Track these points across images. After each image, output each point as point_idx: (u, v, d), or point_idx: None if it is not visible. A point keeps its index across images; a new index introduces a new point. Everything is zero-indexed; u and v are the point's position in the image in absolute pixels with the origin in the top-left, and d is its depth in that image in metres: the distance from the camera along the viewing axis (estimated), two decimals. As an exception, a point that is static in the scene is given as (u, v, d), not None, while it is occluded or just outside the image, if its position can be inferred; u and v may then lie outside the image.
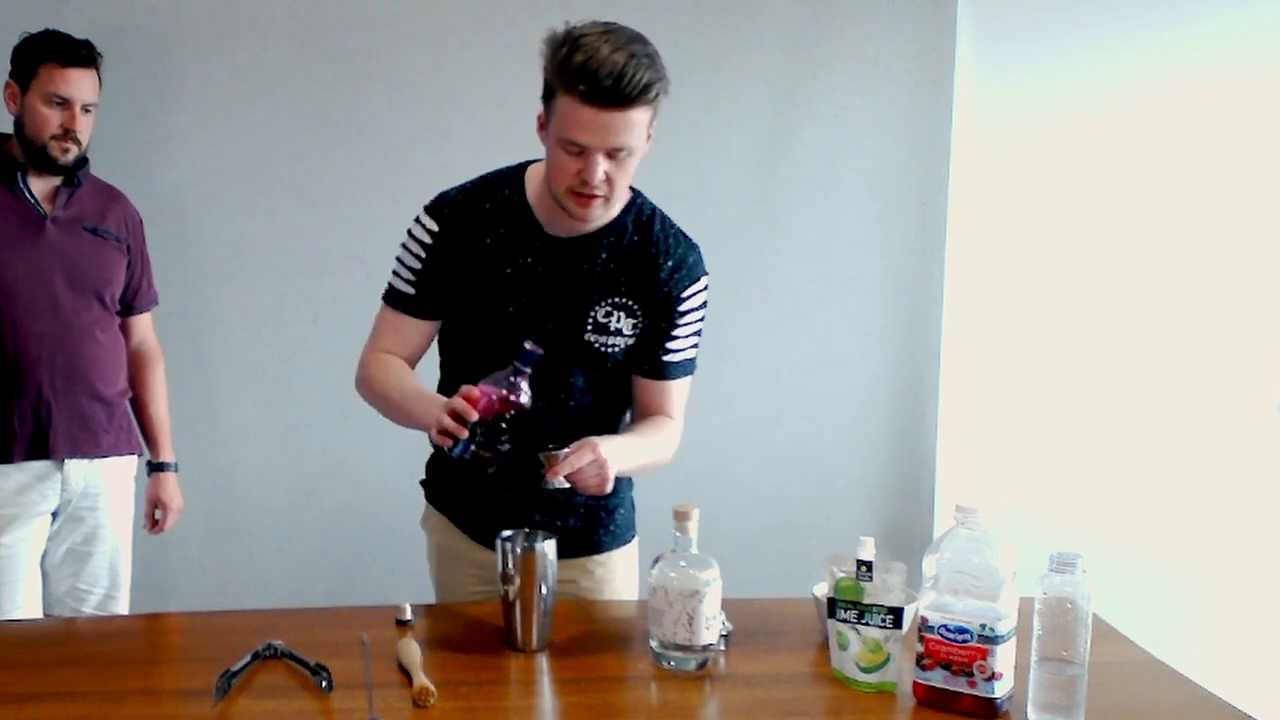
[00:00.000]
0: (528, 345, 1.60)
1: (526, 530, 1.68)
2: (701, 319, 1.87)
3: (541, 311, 1.78)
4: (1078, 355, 2.97)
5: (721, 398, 3.03)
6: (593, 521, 1.91)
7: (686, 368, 1.88)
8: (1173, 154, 2.90)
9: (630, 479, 1.96)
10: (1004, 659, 1.42)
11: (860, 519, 3.00)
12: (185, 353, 2.95)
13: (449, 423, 1.57)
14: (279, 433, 2.99)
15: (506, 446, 1.61)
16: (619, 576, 1.95)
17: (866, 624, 1.50)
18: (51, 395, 2.29)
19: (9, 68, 2.38)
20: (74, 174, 2.34)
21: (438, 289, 1.81)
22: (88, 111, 2.33)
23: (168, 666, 1.61)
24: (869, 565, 1.51)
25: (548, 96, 1.67)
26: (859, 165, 3.00)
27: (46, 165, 2.30)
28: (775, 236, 3.02)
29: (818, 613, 1.67)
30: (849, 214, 3.03)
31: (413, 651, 1.55)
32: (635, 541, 1.98)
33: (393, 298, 1.85)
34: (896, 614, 1.48)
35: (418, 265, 1.81)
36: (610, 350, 1.80)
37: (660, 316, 1.82)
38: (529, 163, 1.85)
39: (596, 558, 1.92)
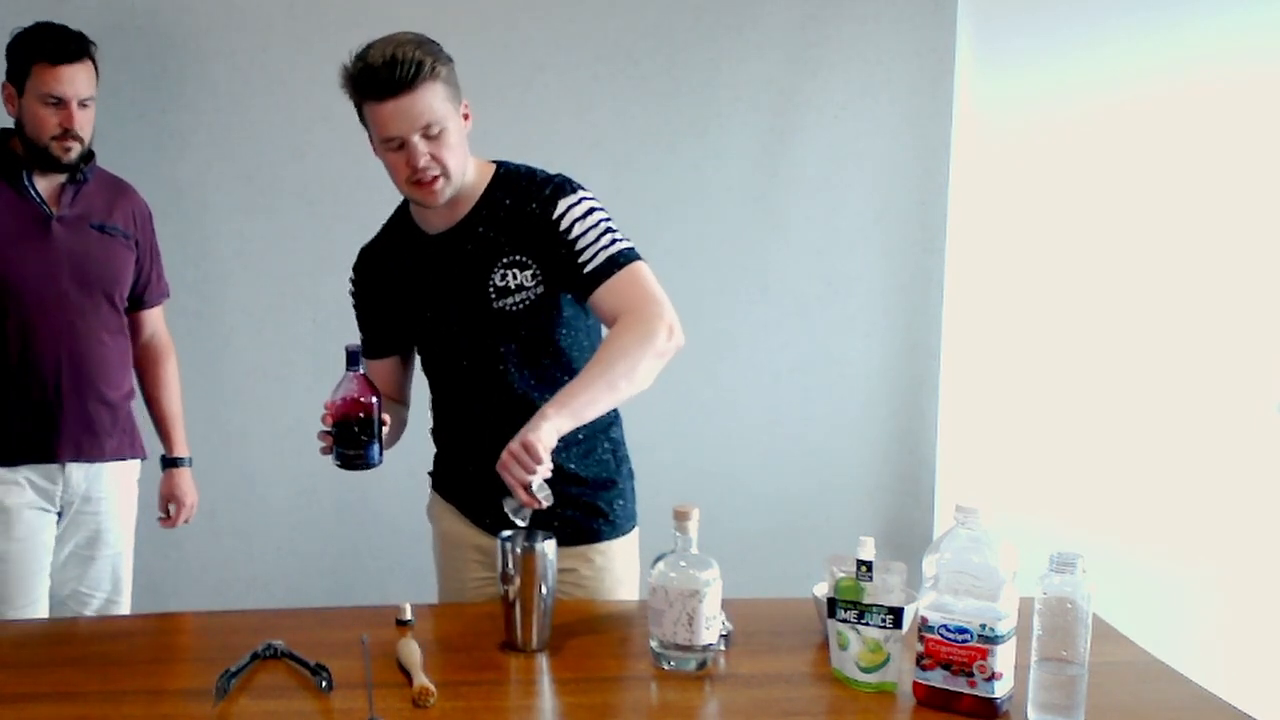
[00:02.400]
0: (347, 346, 1.79)
1: (527, 530, 1.69)
2: (600, 220, 1.83)
3: (449, 301, 1.90)
4: (1078, 355, 2.97)
5: (721, 398, 3.03)
6: (592, 511, 1.94)
7: (616, 261, 1.81)
8: (1173, 154, 2.90)
9: (629, 470, 2.00)
10: (1004, 659, 1.42)
11: (860, 519, 3.00)
12: (185, 353, 2.94)
13: (318, 436, 1.82)
14: (279, 433, 2.99)
15: (366, 443, 1.82)
16: (620, 565, 1.97)
17: (866, 624, 1.50)
18: (56, 398, 2.26)
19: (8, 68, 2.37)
20: (78, 170, 2.30)
21: (376, 326, 2.03)
22: (85, 106, 2.27)
23: (168, 666, 1.61)
24: (869, 565, 1.51)
25: (361, 117, 1.85)
26: (859, 165, 3.00)
27: (50, 164, 2.26)
28: (775, 236, 3.02)
29: (818, 613, 1.67)
30: (849, 214, 3.03)
31: (413, 651, 1.55)
32: (635, 532, 2.00)
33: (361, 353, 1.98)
34: (896, 614, 1.48)
35: (357, 314, 2.06)
36: (522, 306, 1.86)
37: (555, 246, 1.83)
38: None
39: (597, 546, 1.93)
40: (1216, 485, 2.92)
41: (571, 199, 1.84)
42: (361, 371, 1.79)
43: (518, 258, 1.86)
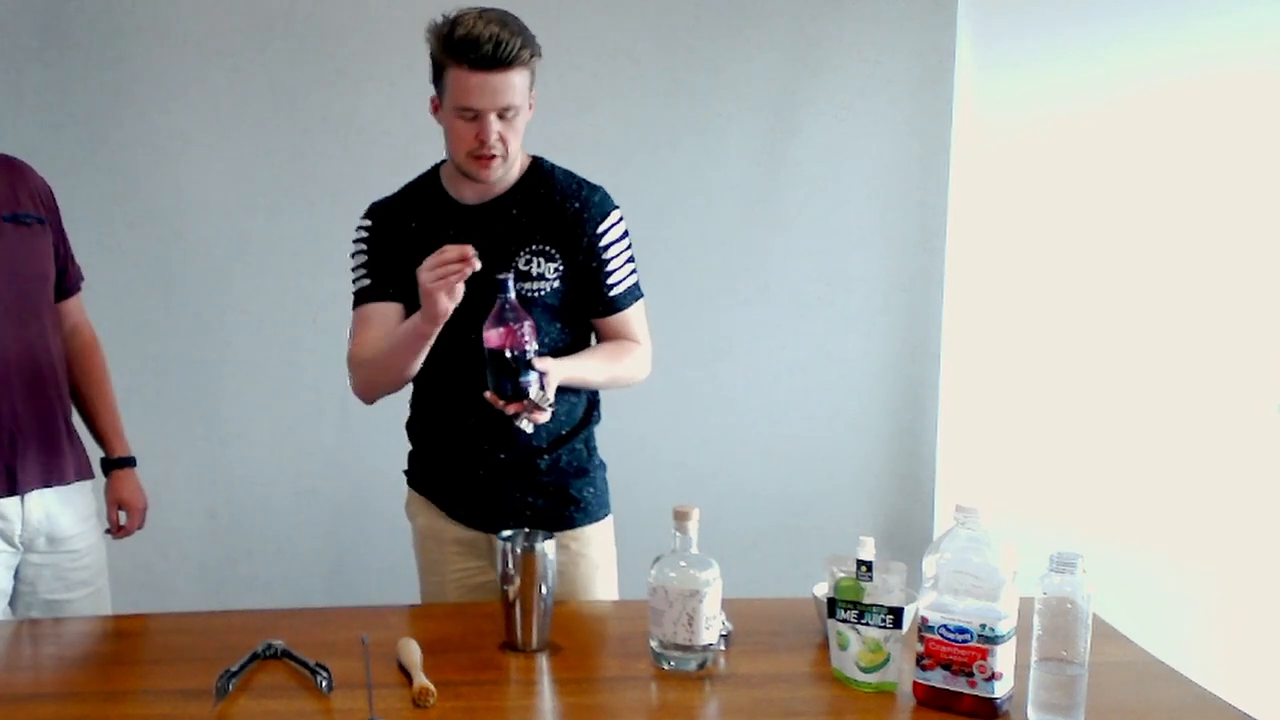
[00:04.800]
0: (499, 276, 1.72)
1: (526, 530, 1.69)
2: (629, 247, 1.99)
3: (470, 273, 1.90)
4: (1078, 355, 2.97)
5: (721, 398, 3.03)
6: (562, 498, 2.00)
7: (634, 293, 2.01)
8: (1174, 154, 2.90)
9: (600, 461, 2.06)
10: (1004, 659, 1.42)
11: (860, 519, 3.00)
12: (185, 353, 2.95)
13: (449, 260, 1.72)
14: (279, 433, 2.99)
15: (522, 372, 1.71)
16: (595, 550, 2.03)
17: (866, 624, 1.50)
18: (14, 423, 1.96)
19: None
20: None
21: (387, 272, 1.98)
22: None
23: (168, 666, 1.61)
24: (869, 565, 1.51)
25: (437, 76, 1.87)
26: (859, 165, 3.01)
27: None
28: (775, 236, 3.02)
29: (818, 613, 1.67)
30: (849, 214, 3.03)
31: (413, 651, 1.55)
32: (609, 519, 2.07)
33: (357, 297, 2.03)
34: (896, 614, 1.48)
35: (365, 259, 2.01)
36: (538, 294, 1.92)
37: (587, 257, 1.95)
38: (442, 162, 2.02)
39: (571, 533, 1.98)
40: (1217, 485, 2.92)
41: (615, 217, 1.98)
42: (511, 296, 1.74)
43: (546, 248, 1.93)
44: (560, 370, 1.81)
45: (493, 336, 1.72)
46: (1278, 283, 2.92)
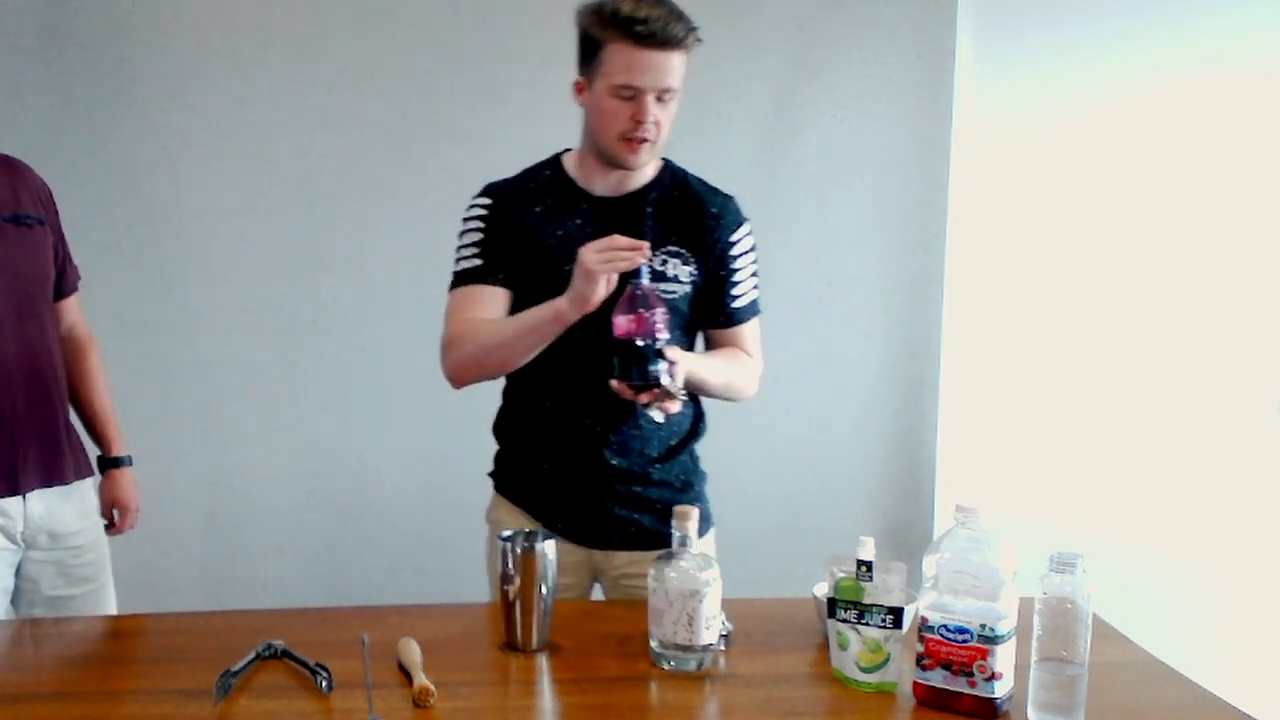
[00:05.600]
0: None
1: (527, 530, 1.69)
2: (754, 261, 1.97)
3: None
4: (1078, 355, 2.97)
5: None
6: (669, 514, 1.90)
7: (754, 308, 1.98)
8: (1174, 154, 2.90)
9: (703, 473, 2.01)
10: (1004, 659, 1.42)
11: (860, 519, 3.00)
12: (185, 353, 2.95)
13: (620, 248, 1.65)
14: (279, 433, 2.99)
15: (651, 361, 1.65)
16: None
17: (866, 624, 1.50)
18: (15, 423, 1.96)
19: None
20: None
21: (500, 256, 1.87)
22: None
23: (168, 666, 1.61)
24: (869, 565, 1.51)
25: (591, 54, 1.78)
26: (859, 165, 3.01)
27: None
28: (775, 236, 3.00)
29: (818, 613, 1.67)
30: (849, 214, 3.03)
31: (413, 651, 1.55)
32: (711, 534, 1.99)
33: (461, 277, 1.89)
34: (896, 614, 1.48)
35: (479, 238, 1.88)
36: (669, 296, 1.84)
37: (717, 265, 1.91)
38: (563, 151, 1.95)
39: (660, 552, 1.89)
40: (1216, 485, 2.92)
41: (746, 229, 1.96)
42: (646, 282, 1.68)
43: (682, 251, 1.89)
44: (686, 362, 1.73)
45: (623, 323, 1.65)
46: (1278, 283, 2.92)
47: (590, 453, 1.89)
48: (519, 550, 1.63)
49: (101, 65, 2.84)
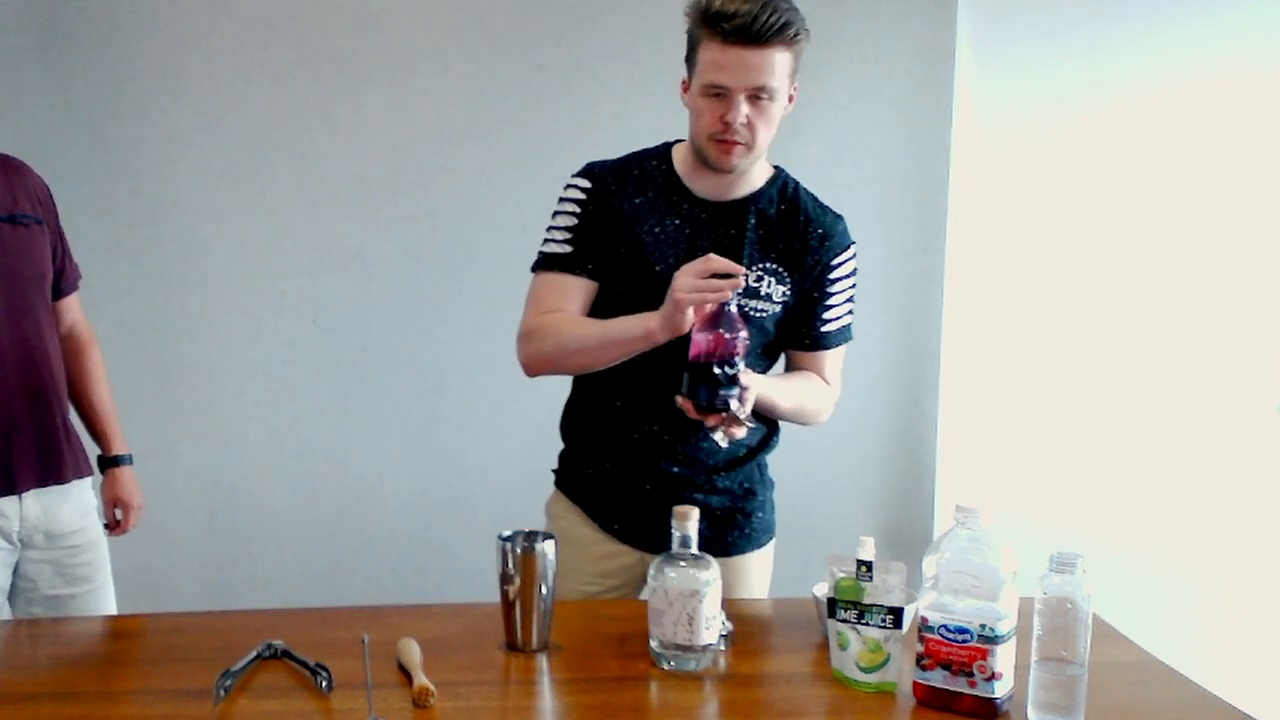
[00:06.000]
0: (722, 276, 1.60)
1: (527, 530, 1.69)
2: (853, 286, 1.90)
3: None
4: (1078, 355, 2.98)
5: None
6: (728, 523, 1.89)
7: (843, 335, 1.92)
8: (1173, 154, 2.91)
9: (770, 480, 1.98)
10: (1004, 659, 1.42)
11: (860, 519, 3.00)
12: (185, 353, 2.95)
13: (716, 272, 1.59)
14: (279, 433, 2.99)
15: (726, 385, 1.59)
16: (754, 578, 1.93)
17: (866, 624, 1.50)
18: (11, 423, 1.96)
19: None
20: None
21: (592, 246, 1.81)
22: None
23: (168, 666, 1.61)
24: (869, 565, 1.50)
25: (689, 52, 1.73)
26: (859, 165, 3.01)
27: None
28: (775, 236, 3.02)
29: (818, 613, 1.67)
30: (848, 214, 3.01)
31: (413, 651, 1.55)
32: (771, 544, 1.96)
33: (548, 261, 1.83)
34: (896, 614, 1.48)
35: (572, 222, 1.82)
36: (759, 315, 1.81)
37: (813, 286, 1.85)
38: (675, 141, 1.88)
39: (728, 560, 1.84)
40: (1216, 485, 2.92)
41: (851, 252, 1.89)
42: (733, 304, 1.62)
43: (780, 270, 1.83)
44: (757, 386, 1.68)
45: (702, 342, 1.59)
46: (1278, 283, 2.92)
47: (653, 459, 1.85)
48: (519, 550, 1.63)
49: (101, 65, 2.84)
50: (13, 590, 2.04)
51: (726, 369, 1.58)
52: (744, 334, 1.60)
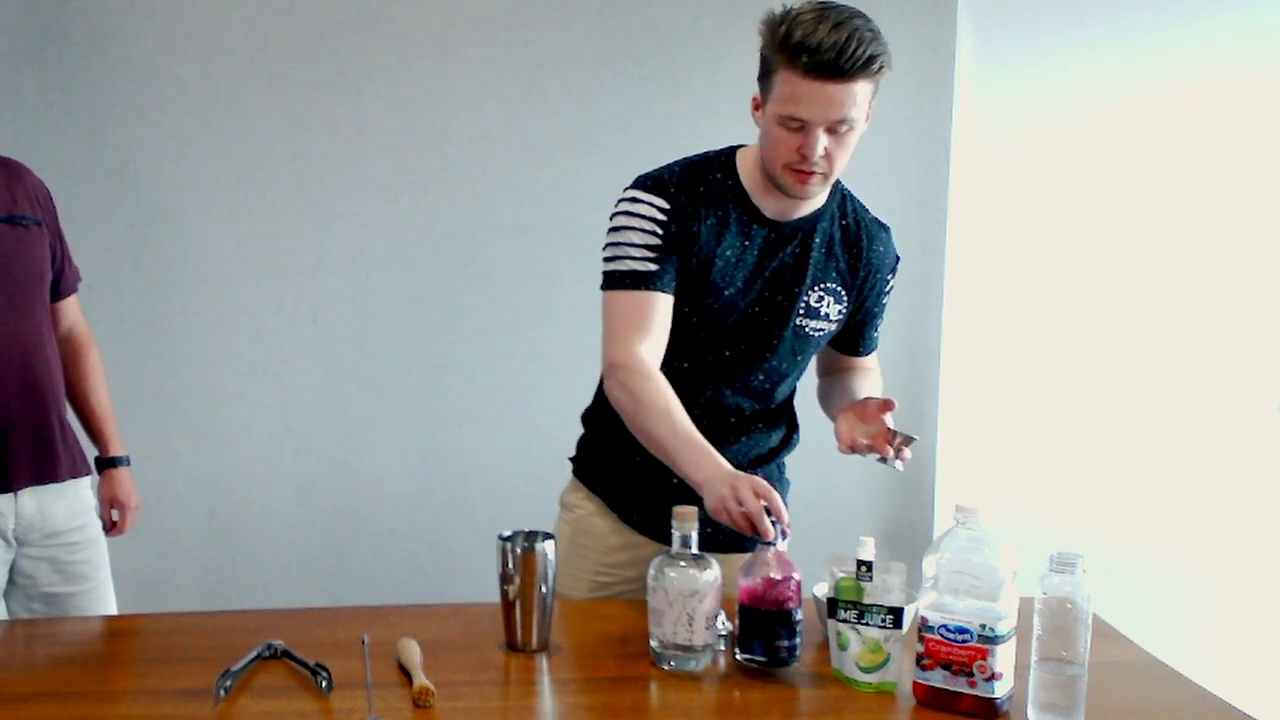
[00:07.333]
0: (771, 520, 1.53)
1: (527, 530, 1.69)
2: (889, 299, 1.95)
3: (754, 294, 1.78)
4: (1078, 355, 2.97)
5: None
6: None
7: (878, 340, 2.00)
8: (1173, 154, 2.90)
9: (788, 481, 2.02)
10: (1004, 659, 1.42)
11: (860, 519, 3.00)
12: (185, 353, 2.95)
13: (762, 523, 1.51)
14: (279, 433, 2.99)
15: (783, 637, 1.52)
16: None
17: (866, 624, 1.50)
18: (7, 421, 1.97)
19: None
20: None
21: (674, 262, 1.74)
22: None
23: (167, 666, 1.61)
24: (869, 565, 1.51)
25: (764, 75, 1.67)
26: (859, 165, 2.99)
27: None
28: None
29: (818, 613, 1.67)
30: (849, 214, 3.03)
31: (413, 651, 1.55)
32: (783, 545, 1.96)
33: (633, 279, 1.74)
34: (896, 614, 1.48)
35: (654, 241, 1.73)
36: (816, 334, 1.83)
37: (872, 302, 1.89)
38: (736, 147, 1.83)
39: (748, 555, 1.82)
40: (1216, 485, 2.92)
41: (897, 268, 1.92)
42: (782, 548, 1.53)
43: (839, 289, 1.82)
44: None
45: (748, 586, 1.51)
46: (1278, 283, 2.92)
47: None
48: (519, 550, 1.63)
49: (101, 66, 2.84)
50: (11, 587, 2.04)
51: (781, 616, 1.50)
52: (796, 578, 1.51)
